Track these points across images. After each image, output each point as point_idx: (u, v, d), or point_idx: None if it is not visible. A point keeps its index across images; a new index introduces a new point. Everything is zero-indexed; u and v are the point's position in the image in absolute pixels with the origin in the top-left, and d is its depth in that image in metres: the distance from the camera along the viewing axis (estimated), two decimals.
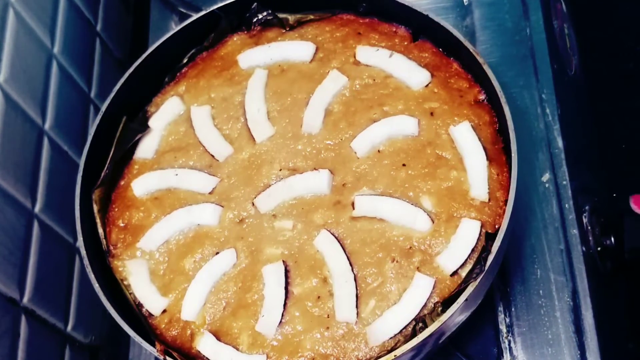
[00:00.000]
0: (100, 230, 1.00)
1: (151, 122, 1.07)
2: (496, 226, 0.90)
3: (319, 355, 0.87)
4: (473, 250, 0.88)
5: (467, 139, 0.94)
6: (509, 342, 1.07)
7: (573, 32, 1.31)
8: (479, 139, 0.94)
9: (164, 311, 0.95)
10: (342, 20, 1.08)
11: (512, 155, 0.90)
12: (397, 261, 0.90)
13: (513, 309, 1.08)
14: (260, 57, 1.07)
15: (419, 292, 0.87)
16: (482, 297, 0.94)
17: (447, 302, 0.86)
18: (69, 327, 1.10)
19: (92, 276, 0.93)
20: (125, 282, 0.97)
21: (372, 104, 1.00)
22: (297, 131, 1.01)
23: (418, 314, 0.86)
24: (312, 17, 1.09)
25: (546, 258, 1.10)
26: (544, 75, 1.21)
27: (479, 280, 0.85)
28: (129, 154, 1.06)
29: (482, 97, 0.99)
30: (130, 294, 0.96)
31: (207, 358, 0.91)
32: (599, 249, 1.12)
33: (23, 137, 1.03)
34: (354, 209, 0.94)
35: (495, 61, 1.23)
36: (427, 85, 1.00)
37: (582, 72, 1.31)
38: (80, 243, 0.95)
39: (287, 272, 0.92)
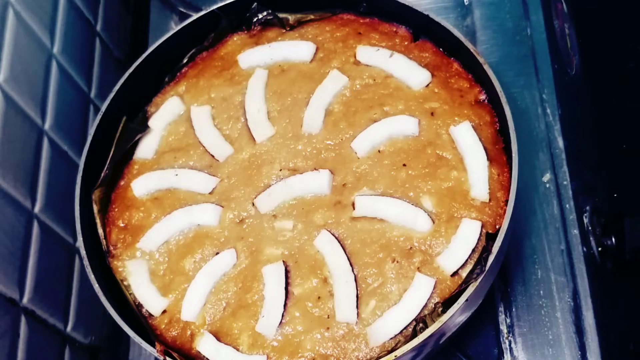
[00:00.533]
0: (100, 231, 1.00)
1: (151, 122, 1.07)
2: (497, 226, 0.90)
3: (320, 356, 0.87)
4: (473, 250, 0.88)
5: (467, 139, 0.94)
6: (510, 342, 1.07)
7: (574, 32, 1.31)
8: (480, 139, 0.94)
9: (164, 311, 0.95)
10: (343, 20, 1.08)
11: (513, 155, 0.90)
12: (397, 261, 0.90)
13: (514, 310, 1.08)
14: (261, 57, 1.07)
15: (419, 293, 0.87)
16: (483, 297, 0.94)
17: (447, 303, 0.86)
18: (69, 328, 1.09)
19: (92, 277, 0.93)
20: (125, 283, 0.97)
21: (373, 104, 1.00)
22: (298, 131, 1.00)
23: (418, 314, 0.86)
24: (312, 16, 1.09)
25: (547, 258, 1.10)
26: (544, 75, 1.21)
27: (479, 280, 0.85)
28: (129, 154, 1.06)
29: (482, 97, 0.99)
30: (130, 294, 0.96)
31: (207, 358, 0.91)
32: (599, 249, 1.11)
33: (23, 137, 1.03)
34: (354, 209, 0.94)
35: (496, 61, 1.23)
36: (427, 85, 1.00)
37: (583, 72, 1.30)
38: (80, 243, 0.95)
39: (287, 272, 0.92)
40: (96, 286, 0.92)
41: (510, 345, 1.07)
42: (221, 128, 1.04)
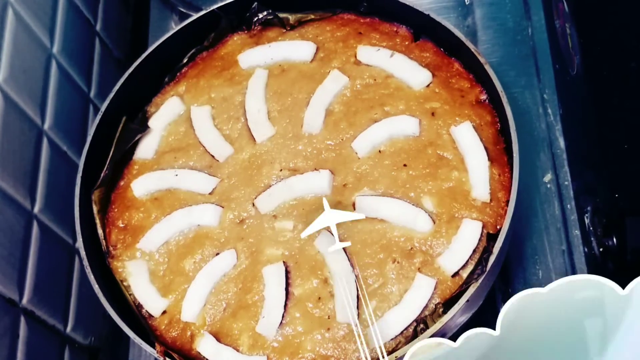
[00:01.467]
0: (100, 231, 1.00)
1: (151, 122, 1.07)
2: (498, 227, 0.90)
3: (320, 357, 0.87)
4: (474, 251, 0.88)
5: (468, 139, 0.94)
6: None
7: (575, 32, 1.31)
8: (481, 139, 0.94)
9: (164, 312, 0.94)
10: (343, 20, 1.08)
11: (514, 155, 0.89)
12: (398, 262, 0.89)
13: None
14: (261, 57, 1.07)
15: (420, 293, 0.87)
16: (484, 298, 0.93)
17: (448, 303, 0.86)
18: (69, 328, 1.09)
19: (91, 277, 0.92)
20: (125, 283, 0.97)
21: (373, 104, 0.99)
22: (298, 131, 1.00)
23: (419, 315, 0.86)
24: (312, 16, 1.09)
25: (548, 259, 1.09)
26: (545, 75, 1.21)
27: (480, 281, 0.85)
28: (129, 154, 1.06)
29: (483, 97, 0.99)
30: (130, 295, 0.96)
31: (207, 359, 0.90)
32: (601, 249, 1.11)
33: (22, 138, 1.03)
34: (354, 209, 0.93)
35: (497, 61, 1.22)
36: (428, 85, 1.00)
37: (584, 71, 1.30)
38: (79, 244, 0.95)
39: (287, 273, 0.92)
40: (96, 287, 0.92)
41: None
42: (221, 128, 1.04)
